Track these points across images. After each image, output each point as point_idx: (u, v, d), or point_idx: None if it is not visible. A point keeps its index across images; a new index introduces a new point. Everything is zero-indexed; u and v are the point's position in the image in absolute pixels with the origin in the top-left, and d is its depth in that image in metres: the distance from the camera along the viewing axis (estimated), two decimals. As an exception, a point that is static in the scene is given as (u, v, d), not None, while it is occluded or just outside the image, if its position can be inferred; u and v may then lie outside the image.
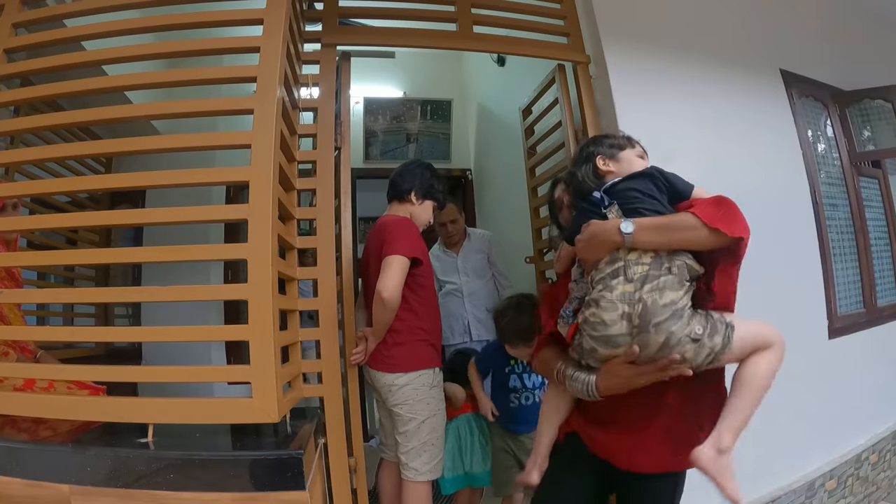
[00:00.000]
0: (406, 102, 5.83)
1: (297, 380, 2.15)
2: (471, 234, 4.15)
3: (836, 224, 3.75)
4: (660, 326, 1.54)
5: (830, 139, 3.96)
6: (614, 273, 1.60)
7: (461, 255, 4.08)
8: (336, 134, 2.57)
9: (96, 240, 4.05)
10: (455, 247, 4.11)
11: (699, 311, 1.62)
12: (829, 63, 3.97)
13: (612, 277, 1.60)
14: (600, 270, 1.64)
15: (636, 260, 1.60)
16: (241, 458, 1.62)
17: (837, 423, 3.44)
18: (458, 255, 4.08)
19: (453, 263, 4.09)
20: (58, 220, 2.00)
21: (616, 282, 1.59)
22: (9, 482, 1.55)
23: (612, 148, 1.88)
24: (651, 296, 1.55)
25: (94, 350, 3.82)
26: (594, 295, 1.62)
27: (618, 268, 1.60)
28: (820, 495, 3.24)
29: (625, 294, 1.57)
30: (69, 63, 1.97)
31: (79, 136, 3.41)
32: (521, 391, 2.85)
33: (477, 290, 3.94)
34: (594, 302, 1.62)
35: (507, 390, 2.87)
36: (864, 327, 3.71)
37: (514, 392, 2.85)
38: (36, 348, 2.28)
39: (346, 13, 2.91)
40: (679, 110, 3.10)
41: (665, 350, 1.55)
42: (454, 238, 4.08)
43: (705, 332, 1.57)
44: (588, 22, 3.09)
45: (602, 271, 1.63)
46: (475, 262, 4.06)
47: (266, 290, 1.68)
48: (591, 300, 1.63)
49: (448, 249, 4.13)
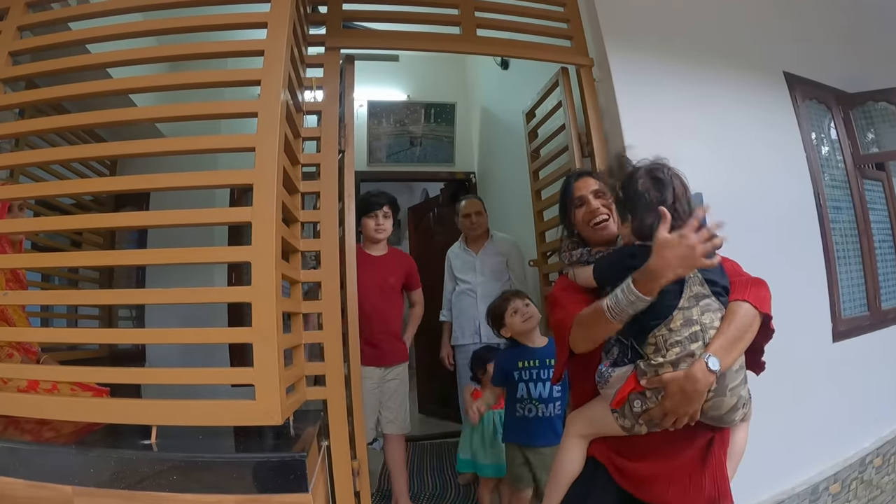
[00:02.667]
0: (410, 105, 5.84)
1: (301, 382, 2.15)
2: (494, 235, 4.15)
3: (840, 227, 3.74)
4: (735, 390, 1.62)
5: (834, 142, 3.95)
6: (693, 337, 1.59)
7: (480, 255, 4.08)
8: (340, 137, 2.58)
9: (100, 242, 4.06)
10: (476, 244, 4.12)
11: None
12: (832, 65, 3.97)
13: (690, 341, 1.58)
14: (675, 332, 1.59)
15: (710, 324, 1.61)
16: (244, 461, 1.62)
17: (841, 427, 3.42)
18: (477, 254, 4.09)
19: (472, 262, 4.09)
20: (62, 222, 2.01)
21: (696, 346, 1.58)
22: (11, 483, 1.55)
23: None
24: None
25: (98, 352, 3.82)
26: (672, 358, 1.58)
27: (696, 332, 1.59)
28: (824, 499, 3.22)
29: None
30: (74, 66, 1.98)
31: (83, 138, 3.43)
32: (525, 402, 2.79)
33: (491, 292, 3.89)
34: (673, 365, 1.58)
35: (515, 400, 2.83)
36: (868, 330, 3.70)
37: (520, 402, 2.80)
38: (39, 351, 2.29)
39: (350, 17, 2.92)
40: (683, 114, 3.11)
41: (733, 413, 1.64)
42: (476, 230, 4.08)
43: (744, 386, 1.68)
44: (591, 25, 3.10)
45: (678, 333, 1.59)
46: (493, 264, 4.06)
47: (270, 292, 1.68)
48: (670, 363, 1.59)
49: (468, 248, 4.14)
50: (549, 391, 2.77)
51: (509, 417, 2.89)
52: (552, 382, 2.69)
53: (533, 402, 2.77)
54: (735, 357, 1.61)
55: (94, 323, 4.08)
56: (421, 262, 6.50)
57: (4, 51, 2.05)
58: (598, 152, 2.98)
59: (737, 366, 1.63)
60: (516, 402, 2.82)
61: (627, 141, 2.89)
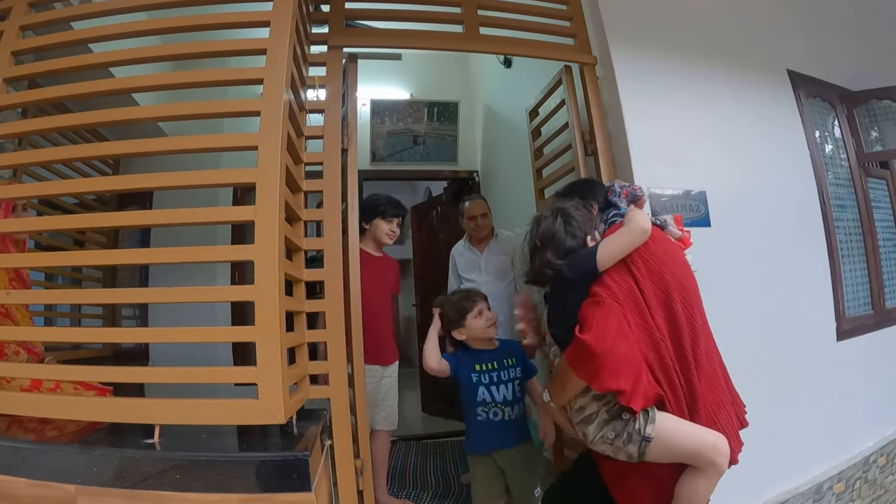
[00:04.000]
0: (413, 104, 5.84)
1: (304, 381, 2.15)
2: (499, 234, 4.11)
3: (845, 225, 3.73)
4: (579, 427, 1.96)
5: (838, 140, 3.95)
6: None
7: (485, 254, 4.05)
8: (343, 135, 2.58)
9: (104, 241, 4.07)
10: (481, 244, 4.09)
11: (621, 420, 1.87)
12: (836, 63, 3.96)
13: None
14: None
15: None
16: (246, 460, 1.61)
17: (845, 426, 3.42)
18: (482, 253, 4.06)
19: (476, 261, 4.06)
20: (65, 221, 2.01)
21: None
22: (14, 482, 1.55)
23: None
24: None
25: (102, 351, 3.84)
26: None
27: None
28: (828, 498, 3.22)
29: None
30: (76, 65, 1.98)
31: (86, 138, 3.43)
32: (490, 406, 2.60)
33: (496, 291, 3.79)
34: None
35: (475, 404, 2.62)
36: (872, 329, 3.69)
37: (482, 406, 2.61)
38: (43, 351, 2.29)
39: (353, 15, 2.92)
40: (686, 111, 3.10)
41: (587, 441, 1.97)
42: (482, 232, 4.04)
43: (620, 439, 1.86)
44: (594, 23, 3.09)
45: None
46: (498, 263, 4.02)
47: (273, 291, 1.68)
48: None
49: (473, 247, 4.11)
50: (511, 393, 2.62)
51: (472, 426, 2.65)
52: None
53: (498, 405, 2.60)
54: (562, 398, 1.97)
55: (97, 322, 4.09)
56: (424, 260, 6.56)
57: (7, 50, 2.06)
58: (602, 150, 2.97)
59: (576, 406, 1.95)
60: (477, 407, 2.62)
61: (631, 138, 2.89)
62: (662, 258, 1.96)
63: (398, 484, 3.85)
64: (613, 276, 1.93)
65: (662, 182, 2.91)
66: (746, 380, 2.95)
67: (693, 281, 2.03)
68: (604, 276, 1.94)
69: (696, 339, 1.88)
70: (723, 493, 2.93)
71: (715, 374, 1.95)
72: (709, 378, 1.90)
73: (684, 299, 1.92)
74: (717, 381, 1.95)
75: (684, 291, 1.94)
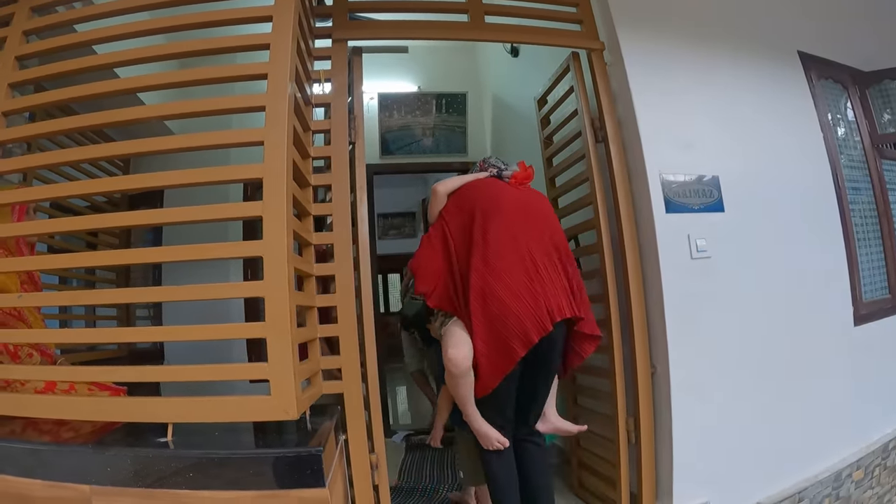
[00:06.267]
0: (421, 97, 5.82)
1: (317, 376, 2.14)
2: None
3: (860, 208, 3.68)
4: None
5: (851, 122, 3.88)
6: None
7: None
8: (350, 129, 2.57)
9: (115, 243, 4.09)
10: None
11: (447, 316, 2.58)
12: (848, 44, 3.89)
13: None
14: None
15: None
16: (260, 456, 1.62)
17: (864, 412, 3.38)
18: None
19: None
20: (77, 222, 2.00)
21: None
22: (29, 483, 1.56)
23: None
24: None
25: (118, 352, 3.86)
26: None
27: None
28: (847, 486, 3.19)
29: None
30: (81, 67, 1.99)
31: (93, 139, 3.45)
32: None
33: None
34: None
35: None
36: (890, 313, 3.64)
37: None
38: (56, 353, 2.30)
39: (356, 7, 2.91)
40: (696, 95, 3.07)
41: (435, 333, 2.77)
42: None
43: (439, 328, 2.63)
44: (601, 8, 3.06)
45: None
46: None
47: (282, 286, 1.67)
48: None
49: None
50: None
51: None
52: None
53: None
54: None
55: (112, 323, 4.11)
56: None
57: (11, 55, 2.07)
58: (612, 137, 2.95)
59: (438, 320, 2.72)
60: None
61: (641, 124, 2.86)
62: (469, 195, 2.62)
63: (414, 477, 3.86)
64: (435, 223, 2.68)
65: (674, 167, 2.88)
66: (762, 366, 2.94)
67: (506, 203, 2.55)
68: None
69: (486, 247, 2.43)
70: (741, 481, 2.92)
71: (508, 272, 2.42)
72: (496, 275, 2.40)
73: (484, 222, 2.48)
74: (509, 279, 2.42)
75: (485, 214, 2.50)
